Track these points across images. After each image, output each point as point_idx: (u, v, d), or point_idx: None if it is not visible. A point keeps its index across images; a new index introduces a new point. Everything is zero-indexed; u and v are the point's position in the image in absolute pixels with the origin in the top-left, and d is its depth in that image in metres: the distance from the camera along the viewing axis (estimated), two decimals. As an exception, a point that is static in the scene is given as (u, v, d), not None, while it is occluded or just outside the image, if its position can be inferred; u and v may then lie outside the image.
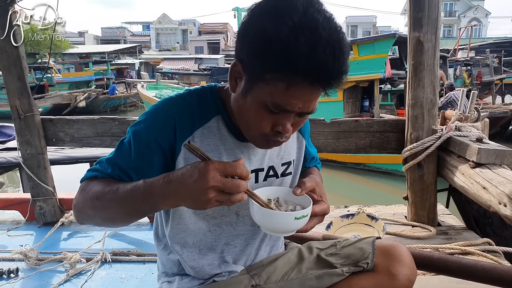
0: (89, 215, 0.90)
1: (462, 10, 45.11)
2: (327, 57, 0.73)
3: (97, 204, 0.86)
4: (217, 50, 42.84)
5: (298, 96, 0.78)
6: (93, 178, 0.92)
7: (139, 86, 17.07)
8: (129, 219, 0.88)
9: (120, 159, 0.91)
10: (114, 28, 53.72)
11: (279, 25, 0.74)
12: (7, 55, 2.25)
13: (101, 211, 0.87)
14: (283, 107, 0.80)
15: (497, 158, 1.71)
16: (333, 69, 0.76)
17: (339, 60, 0.76)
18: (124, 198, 0.82)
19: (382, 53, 8.46)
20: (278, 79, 0.76)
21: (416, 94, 2.07)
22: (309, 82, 0.76)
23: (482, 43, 22.57)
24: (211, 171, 0.70)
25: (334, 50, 0.74)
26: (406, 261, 1.03)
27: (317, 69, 0.74)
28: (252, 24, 0.80)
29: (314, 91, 0.79)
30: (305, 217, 0.86)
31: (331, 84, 0.79)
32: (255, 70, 0.79)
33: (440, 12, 2.04)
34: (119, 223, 0.92)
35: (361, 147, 2.27)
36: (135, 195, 0.80)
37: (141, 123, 0.92)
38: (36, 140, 2.39)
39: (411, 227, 2.18)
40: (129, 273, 1.93)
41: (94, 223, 0.94)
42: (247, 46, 0.81)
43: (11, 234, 2.39)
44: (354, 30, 48.24)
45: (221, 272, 1.03)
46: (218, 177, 0.71)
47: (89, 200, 0.87)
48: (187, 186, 0.72)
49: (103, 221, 0.92)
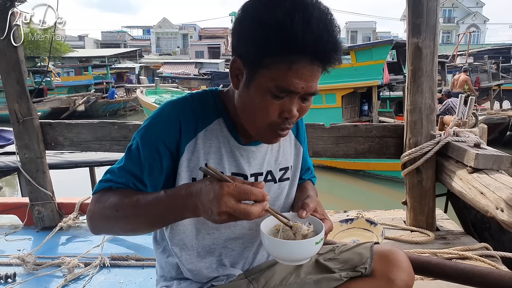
0: (107, 226, 0.92)
1: (461, 16, 45.39)
2: (321, 31, 0.78)
3: (118, 215, 0.87)
4: (217, 55, 42.99)
5: (300, 75, 0.82)
6: (107, 189, 0.92)
7: (138, 92, 17.09)
8: (151, 228, 0.93)
9: (131, 166, 0.92)
10: (114, 32, 53.87)
11: (273, 10, 0.79)
12: (6, 58, 2.25)
13: (122, 222, 0.89)
14: (287, 88, 0.82)
15: (494, 164, 1.72)
16: (328, 43, 0.80)
17: (333, 35, 0.81)
18: (147, 209, 0.84)
19: (379, 59, 8.49)
20: (279, 61, 0.80)
21: (414, 100, 2.09)
22: (309, 58, 0.80)
23: (480, 49, 22.68)
24: (224, 196, 0.73)
25: (326, 25, 0.80)
26: (403, 266, 1.03)
27: (313, 43, 0.78)
28: (246, 16, 0.84)
29: (314, 69, 0.83)
30: (322, 240, 0.86)
31: (329, 58, 0.83)
32: (255, 59, 0.82)
33: (438, 19, 2.06)
34: (141, 232, 0.94)
35: (360, 152, 2.28)
36: (158, 206, 0.83)
37: (147, 127, 0.93)
38: (35, 144, 2.39)
39: (410, 232, 2.18)
40: (128, 278, 1.92)
41: (112, 233, 0.98)
42: (245, 38, 0.84)
43: (9, 238, 2.38)
44: (354, 36, 48.50)
45: (219, 276, 1.03)
46: (231, 203, 0.73)
47: (107, 211, 0.88)
48: (203, 204, 0.76)
49: (123, 231, 0.95)
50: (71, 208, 2.53)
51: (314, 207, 0.95)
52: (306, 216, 0.91)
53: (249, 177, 1.00)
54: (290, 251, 0.83)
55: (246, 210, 0.74)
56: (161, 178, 0.93)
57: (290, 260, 0.87)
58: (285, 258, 0.86)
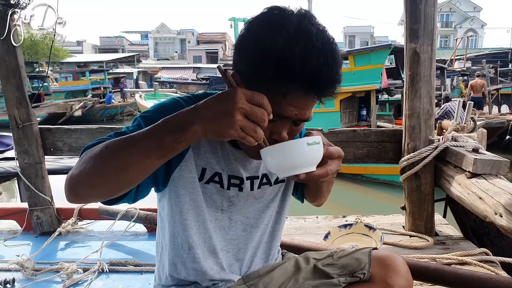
0: (91, 173, 0.78)
1: (459, 21, 45.64)
2: (321, 65, 0.78)
3: (105, 154, 0.77)
4: (215, 60, 43.09)
5: (295, 104, 0.82)
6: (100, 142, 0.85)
7: (137, 96, 17.12)
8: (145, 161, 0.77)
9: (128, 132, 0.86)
10: (113, 37, 53.98)
11: (275, 37, 0.78)
12: (6, 64, 2.26)
13: (111, 159, 0.77)
14: (279, 114, 0.82)
15: (493, 169, 1.73)
16: (326, 77, 0.80)
17: (332, 69, 0.80)
18: (142, 137, 0.76)
19: (378, 63, 8.53)
20: (275, 87, 0.79)
21: (413, 105, 2.10)
22: (304, 90, 0.80)
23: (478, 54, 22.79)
24: (239, 94, 0.71)
25: (327, 59, 0.79)
26: (402, 271, 1.03)
27: (311, 77, 0.78)
28: (249, 37, 0.84)
29: (309, 99, 0.82)
30: (317, 144, 0.82)
31: (325, 92, 0.82)
32: (253, 80, 0.82)
33: (436, 24, 2.08)
34: (132, 170, 0.77)
35: (359, 157, 2.29)
36: (155, 130, 0.75)
37: (150, 112, 0.92)
38: (34, 150, 2.39)
39: (409, 237, 2.18)
40: (126, 284, 1.92)
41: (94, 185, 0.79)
42: (245, 58, 0.84)
43: (8, 244, 2.38)
44: (352, 40, 48.69)
45: (218, 282, 1.04)
46: (246, 102, 0.72)
47: (94, 155, 0.78)
48: (214, 108, 0.72)
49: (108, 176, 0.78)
50: (70, 213, 2.53)
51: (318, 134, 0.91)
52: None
53: (245, 180, 1.01)
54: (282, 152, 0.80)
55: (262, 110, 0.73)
56: None
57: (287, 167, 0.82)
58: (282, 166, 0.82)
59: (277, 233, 1.15)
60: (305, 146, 0.81)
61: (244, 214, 1.05)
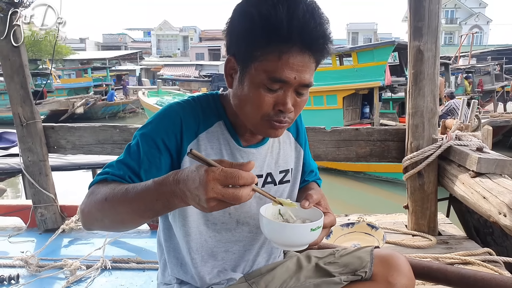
0: (97, 218, 0.88)
1: (464, 17, 45.26)
2: (307, 20, 0.80)
3: (106, 206, 0.84)
4: (217, 57, 43.02)
5: (291, 65, 0.83)
6: (102, 181, 0.91)
7: (140, 93, 17.12)
8: (140, 219, 0.85)
9: (129, 160, 0.92)
10: (115, 35, 53.99)
11: (259, 5, 0.81)
12: (10, 63, 2.27)
13: (111, 212, 0.85)
14: (279, 79, 0.83)
15: (497, 168, 1.71)
16: (315, 31, 0.81)
17: (320, 23, 0.82)
18: (136, 198, 0.80)
19: (381, 60, 8.50)
20: (268, 52, 0.82)
21: (416, 103, 2.08)
22: (298, 47, 0.82)
23: (483, 51, 22.65)
24: (210, 182, 0.68)
25: (313, 15, 0.81)
26: (404, 270, 1.03)
27: (299, 30, 0.80)
28: (236, 15, 0.87)
29: (305, 58, 0.84)
30: (319, 228, 0.85)
31: (317, 47, 0.84)
32: (246, 53, 0.84)
33: (440, 21, 2.06)
34: (129, 224, 0.88)
35: (362, 156, 2.28)
36: (146, 194, 0.78)
37: (148, 126, 0.94)
38: (38, 147, 2.40)
39: (412, 236, 2.17)
40: (129, 281, 1.93)
41: (102, 226, 0.91)
42: (234, 35, 0.87)
43: (12, 240, 2.40)
44: (355, 37, 48.47)
45: (220, 281, 1.04)
46: (218, 189, 0.68)
47: (98, 202, 0.85)
48: (191, 191, 0.71)
49: (112, 224, 0.89)
50: (73, 210, 2.54)
51: (318, 199, 0.95)
52: (309, 206, 0.91)
53: None
54: (284, 233, 0.82)
55: (235, 194, 0.69)
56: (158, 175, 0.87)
57: (284, 244, 0.86)
58: (279, 241, 0.85)
59: None
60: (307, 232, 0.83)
61: (251, 216, 1.05)
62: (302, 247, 0.88)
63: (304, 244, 0.87)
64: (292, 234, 0.83)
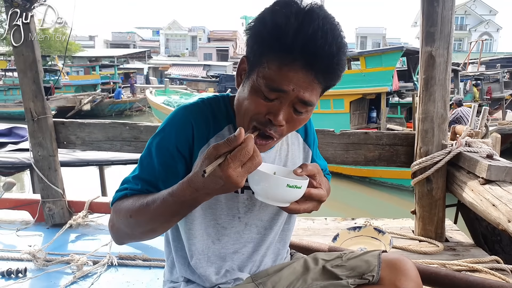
0: (128, 233, 0.93)
1: (473, 24, 44.97)
2: (316, 36, 0.78)
3: (132, 222, 0.89)
4: (225, 57, 43.16)
5: (291, 78, 0.81)
6: (123, 197, 0.94)
7: (147, 92, 17.21)
8: (169, 225, 0.92)
9: (145, 173, 0.94)
10: (124, 33, 54.28)
11: (277, 13, 0.81)
12: (23, 58, 2.29)
13: (139, 226, 0.90)
14: (276, 87, 0.82)
15: (507, 176, 1.70)
16: (320, 49, 0.79)
17: (330, 44, 0.79)
18: (158, 212, 0.84)
19: (389, 65, 8.47)
20: (272, 59, 0.81)
21: (426, 108, 2.08)
22: (301, 62, 0.80)
23: (493, 58, 22.48)
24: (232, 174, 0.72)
25: (326, 34, 0.78)
26: (412, 275, 1.03)
27: (303, 44, 0.78)
28: (257, 17, 0.88)
29: (308, 77, 0.82)
30: (298, 188, 0.84)
31: (321, 67, 0.81)
32: (255, 57, 0.85)
33: (453, 27, 2.05)
34: (161, 231, 0.94)
35: (370, 160, 2.27)
36: (167, 207, 0.83)
37: (160, 133, 0.95)
38: (48, 143, 2.42)
39: (418, 241, 2.16)
40: (135, 278, 1.94)
41: (134, 239, 0.97)
42: (250, 37, 0.87)
43: (20, 234, 2.42)
44: (364, 41, 48.39)
45: (226, 280, 1.04)
46: (241, 172, 0.73)
47: (123, 219, 0.90)
48: (216, 190, 0.77)
49: (143, 234, 0.93)
50: (81, 206, 2.56)
51: (313, 171, 0.93)
52: (301, 173, 0.91)
53: None
54: (261, 182, 0.83)
55: (254, 164, 0.74)
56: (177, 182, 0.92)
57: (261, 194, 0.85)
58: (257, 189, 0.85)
59: (288, 234, 1.16)
60: (283, 186, 0.82)
61: (260, 218, 1.06)
62: (278, 203, 0.86)
63: (279, 200, 0.85)
64: (268, 185, 0.82)
